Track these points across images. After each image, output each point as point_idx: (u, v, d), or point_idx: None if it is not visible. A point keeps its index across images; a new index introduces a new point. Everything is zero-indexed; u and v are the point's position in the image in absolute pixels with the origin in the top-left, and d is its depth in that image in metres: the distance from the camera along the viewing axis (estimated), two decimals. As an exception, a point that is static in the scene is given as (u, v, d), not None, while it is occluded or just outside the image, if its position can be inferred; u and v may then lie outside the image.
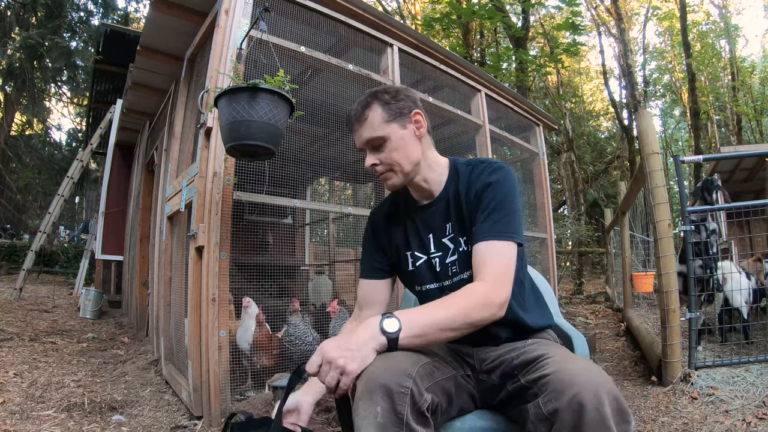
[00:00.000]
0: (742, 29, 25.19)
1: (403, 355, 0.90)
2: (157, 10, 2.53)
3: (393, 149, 1.10)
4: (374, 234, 1.26)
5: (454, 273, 1.11)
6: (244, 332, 2.23)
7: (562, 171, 14.04)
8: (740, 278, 2.87)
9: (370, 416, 0.80)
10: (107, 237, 5.60)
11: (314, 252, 4.71)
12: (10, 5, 8.55)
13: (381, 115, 1.09)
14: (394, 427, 0.80)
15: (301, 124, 2.81)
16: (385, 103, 1.10)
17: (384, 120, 1.09)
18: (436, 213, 1.16)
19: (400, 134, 1.10)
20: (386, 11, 12.00)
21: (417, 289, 1.18)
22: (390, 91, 1.12)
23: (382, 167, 1.12)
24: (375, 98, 1.11)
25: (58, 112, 14.07)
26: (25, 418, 1.93)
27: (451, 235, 1.13)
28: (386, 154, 1.10)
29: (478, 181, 1.09)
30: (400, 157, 1.11)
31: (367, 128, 1.10)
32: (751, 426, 1.78)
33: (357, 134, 1.12)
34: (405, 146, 1.11)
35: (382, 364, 0.86)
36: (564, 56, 9.30)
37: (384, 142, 1.10)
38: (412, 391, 0.83)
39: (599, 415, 0.74)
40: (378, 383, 0.82)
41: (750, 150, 7.09)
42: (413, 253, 1.17)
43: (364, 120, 1.10)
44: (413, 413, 0.82)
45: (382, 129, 1.09)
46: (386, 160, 1.11)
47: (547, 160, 4.37)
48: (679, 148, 23.74)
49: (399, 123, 1.10)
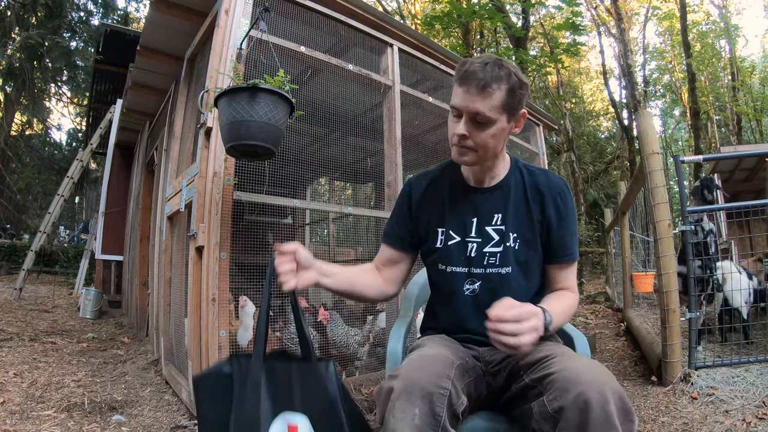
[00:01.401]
0: (742, 29, 25.24)
1: (441, 354, 0.91)
2: (157, 10, 2.53)
3: (491, 135, 1.04)
4: (410, 200, 1.21)
5: (491, 264, 1.09)
6: (244, 331, 2.23)
7: (562, 171, 14.04)
8: (740, 278, 2.87)
9: (408, 418, 0.79)
10: (107, 237, 5.60)
11: (314, 252, 4.70)
12: (10, 5, 8.55)
13: (503, 99, 1.01)
14: (430, 428, 0.80)
15: (301, 124, 2.81)
16: (512, 89, 1.02)
17: (502, 105, 1.01)
18: (488, 200, 1.13)
19: (504, 125, 1.05)
20: (386, 11, 12.00)
21: (441, 268, 1.14)
22: (521, 77, 1.03)
23: (471, 142, 1.04)
24: (508, 77, 1.01)
25: (58, 112, 14.08)
26: (25, 418, 1.93)
27: (499, 227, 1.11)
28: (484, 136, 1.03)
29: (554, 188, 1.12)
30: (491, 144, 1.05)
31: (486, 103, 1.00)
32: (751, 426, 1.78)
33: (468, 96, 1.00)
34: (500, 136, 1.06)
35: (421, 365, 0.86)
36: (564, 56, 9.30)
37: (489, 124, 1.02)
38: (451, 393, 0.83)
39: (604, 413, 0.75)
40: (418, 385, 0.82)
41: (750, 150, 7.09)
42: (447, 231, 1.14)
43: (488, 93, 0.99)
44: (449, 415, 0.82)
45: (495, 112, 1.01)
46: (478, 140, 1.04)
47: (547, 160, 4.37)
48: (679, 148, 23.74)
49: (510, 114, 1.04)
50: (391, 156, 2.71)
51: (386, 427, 0.82)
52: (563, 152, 13.65)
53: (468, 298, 1.10)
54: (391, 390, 0.84)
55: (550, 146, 13.32)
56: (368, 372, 2.55)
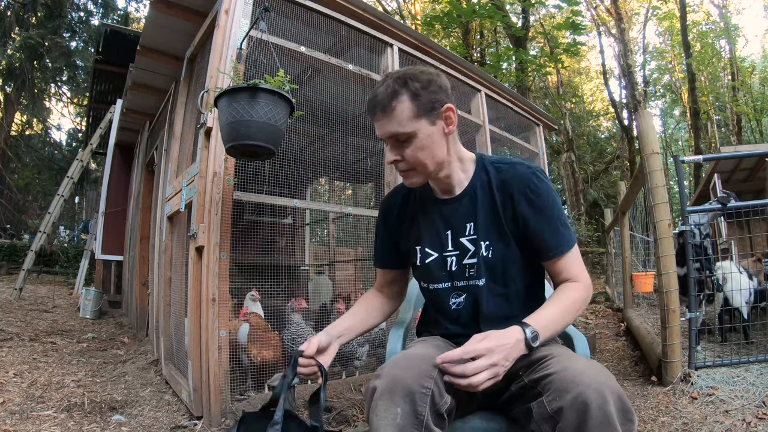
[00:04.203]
0: (742, 29, 25.25)
1: (427, 354, 0.90)
2: (157, 10, 2.53)
3: (419, 148, 1.00)
4: (384, 224, 1.21)
5: (472, 276, 1.06)
6: (246, 329, 2.24)
7: (562, 171, 14.05)
8: (740, 278, 2.87)
9: (390, 417, 0.80)
10: (107, 237, 5.60)
11: (314, 252, 4.71)
12: (10, 5, 8.55)
13: (410, 108, 0.97)
14: (413, 428, 0.80)
15: (301, 124, 2.81)
16: (415, 94, 0.97)
17: (413, 115, 0.98)
18: (457, 209, 1.09)
19: (429, 131, 1.00)
20: (386, 11, 12.00)
21: (424, 286, 1.15)
22: (421, 79, 0.98)
23: (404, 165, 1.02)
24: (404, 86, 0.98)
25: (58, 112, 14.11)
26: (25, 418, 1.93)
27: (472, 236, 1.07)
28: (411, 152, 1.00)
29: (522, 181, 1.03)
30: (425, 156, 1.01)
31: (394, 122, 0.98)
32: (751, 426, 1.78)
33: (380, 124, 1.00)
34: (432, 144, 1.01)
35: (405, 364, 0.86)
36: (564, 56, 9.31)
37: (410, 139, 0.99)
38: (433, 392, 0.83)
39: (603, 413, 0.74)
40: (401, 384, 0.82)
41: (750, 150, 7.09)
42: (423, 248, 1.12)
43: (391, 111, 0.98)
44: (432, 415, 0.82)
45: (409, 125, 0.98)
46: (410, 159, 1.01)
47: (547, 160, 4.37)
48: (679, 148, 23.75)
49: (428, 119, 0.99)
50: (391, 156, 2.70)
51: (370, 426, 0.83)
52: (563, 152, 13.65)
53: (455, 312, 1.09)
54: (374, 389, 0.85)
55: (550, 146, 13.32)
56: (368, 372, 2.55)
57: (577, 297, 1.00)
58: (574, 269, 1.03)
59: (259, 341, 2.19)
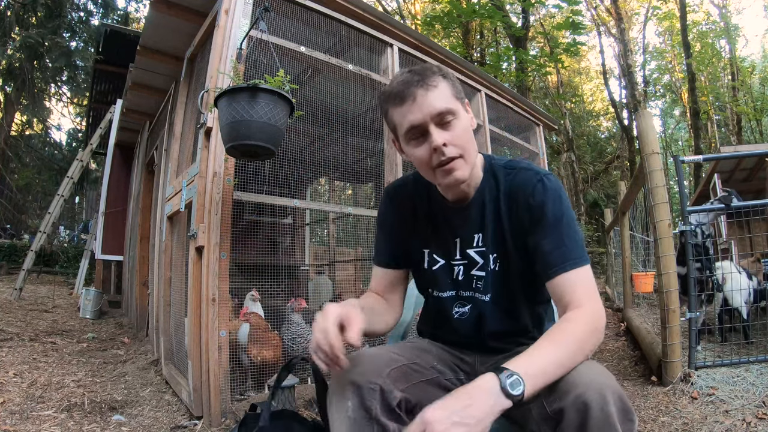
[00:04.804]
0: (742, 29, 25.28)
1: (376, 357, 0.91)
2: (157, 10, 2.53)
3: (463, 129, 0.92)
4: (393, 214, 1.09)
5: (478, 288, 1.01)
6: (246, 329, 2.24)
7: (562, 171, 14.05)
8: (740, 278, 2.87)
9: (342, 410, 0.83)
10: (107, 237, 5.60)
11: (314, 252, 4.71)
12: (10, 5, 8.55)
13: (448, 88, 0.92)
14: (364, 420, 0.82)
15: (301, 124, 2.81)
16: (450, 79, 0.93)
17: (452, 94, 0.92)
18: (466, 219, 1.02)
19: (466, 117, 0.94)
20: (386, 11, 12.00)
21: (429, 292, 1.10)
22: (444, 69, 0.94)
23: (454, 149, 0.90)
24: (439, 71, 0.92)
25: (58, 112, 14.08)
26: (25, 418, 1.93)
27: (480, 249, 1.01)
28: (458, 134, 0.90)
29: (525, 186, 0.94)
30: (470, 141, 0.92)
31: (440, 98, 0.90)
32: (751, 426, 1.78)
33: (421, 104, 0.89)
34: (469, 130, 0.94)
35: (356, 362, 0.87)
36: (564, 56, 9.31)
37: (454, 119, 0.91)
38: (382, 388, 0.84)
39: (604, 414, 0.74)
40: (348, 380, 0.84)
41: (750, 150, 7.09)
42: (431, 253, 1.06)
43: (434, 88, 0.90)
44: (383, 409, 0.83)
45: (453, 102, 0.91)
46: (459, 141, 0.90)
47: (547, 160, 4.37)
48: (679, 148, 23.76)
49: (463, 106, 0.94)
50: (391, 156, 2.71)
51: (329, 419, 0.86)
52: (563, 152, 13.66)
53: (458, 321, 1.05)
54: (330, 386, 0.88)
55: (550, 146, 13.33)
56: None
57: (579, 330, 0.81)
58: (578, 292, 0.86)
59: (259, 341, 2.20)
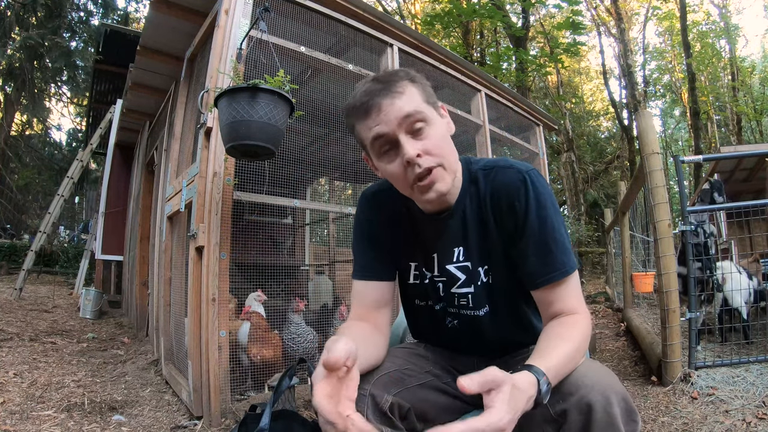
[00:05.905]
0: (742, 29, 25.29)
1: None
2: (157, 10, 2.53)
3: (439, 136, 0.83)
4: (377, 220, 0.99)
5: (463, 306, 0.95)
6: (246, 329, 2.24)
7: (562, 171, 14.04)
8: (740, 278, 2.87)
9: None
10: (107, 237, 5.60)
11: (314, 252, 4.71)
12: (10, 5, 8.56)
13: (418, 93, 0.84)
14: None
15: (301, 124, 2.81)
16: (419, 83, 0.85)
17: (422, 99, 0.84)
18: (444, 232, 0.93)
19: (440, 122, 0.86)
20: (386, 11, 12.01)
21: (418, 303, 1.04)
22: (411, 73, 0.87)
23: (431, 159, 0.81)
24: (406, 76, 0.84)
25: (58, 112, 14.09)
26: (25, 418, 1.93)
27: (463, 264, 0.93)
28: (433, 142, 0.82)
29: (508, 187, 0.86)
30: (448, 148, 0.84)
31: (407, 101, 0.81)
32: (751, 426, 1.78)
33: (387, 113, 0.81)
34: (446, 137, 0.86)
35: None
36: (564, 56, 9.31)
37: (426, 125, 0.82)
38: (371, 393, 0.83)
39: (607, 415, 0.74)
40: None
41: (750, 150, 7.09)
42: (419, 266, 0.99)
43: (400, 93, 0.81)
44: (375, 413, 0.83)
45: (424, 107, 0.83)
46: (436, 149, 0.82)
47: (547, 160, 4.37)
48: (679, 148, 23.75)
49: (435, 109, 0.86)
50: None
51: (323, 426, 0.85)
52: (563, 152, 13.66)
53: (451, 330, 1.02)
54: None
55: (550, 146, 13.33)
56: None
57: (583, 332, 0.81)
58: (570, 302, 0.84)
59: (259, 341, 2.20)
